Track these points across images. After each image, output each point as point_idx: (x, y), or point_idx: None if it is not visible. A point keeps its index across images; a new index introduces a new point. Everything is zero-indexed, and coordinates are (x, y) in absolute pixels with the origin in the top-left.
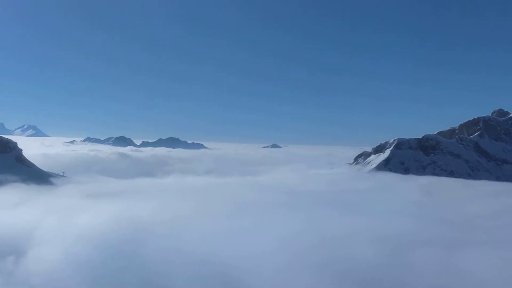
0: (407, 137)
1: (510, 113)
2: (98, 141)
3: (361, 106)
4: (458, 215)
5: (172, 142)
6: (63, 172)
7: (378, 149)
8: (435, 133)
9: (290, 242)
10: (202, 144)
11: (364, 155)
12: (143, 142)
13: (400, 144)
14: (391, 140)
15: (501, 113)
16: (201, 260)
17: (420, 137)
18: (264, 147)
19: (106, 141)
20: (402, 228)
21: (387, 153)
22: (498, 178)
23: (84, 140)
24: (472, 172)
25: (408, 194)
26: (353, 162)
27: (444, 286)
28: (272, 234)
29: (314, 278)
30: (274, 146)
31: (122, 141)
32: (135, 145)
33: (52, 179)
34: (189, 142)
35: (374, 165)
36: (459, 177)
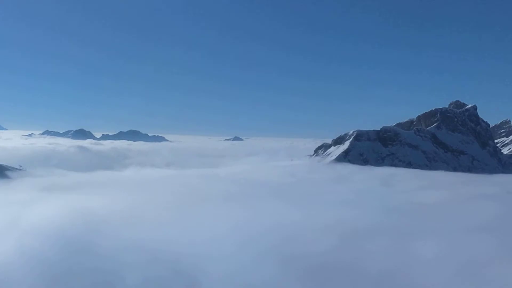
0: (366, 129)
1: (466, 105)
2: (57, 134)
3: (322, 98)
4: (411, 204)
5: (133, 135)
6: (20, 166)
7: (338, 141)
8: (394, 124)
9: (243, 231)
10: (164, 137)
11: (324, 147)
12: (103, 135)
13: (359, 136)
14: (351, 132)
15: (458, 104)
16: (156, 249)
17: (379, 128)
18: (226, 139)
19: (65, 134)
20: (356, 217)
21: (346, 144)
22: (455, 169)
23: (43, 133)
24: (429, 163)
25: (364, 184)
26: (313, 154)
27: (393, 273)
28: (225, 224)
29: (263, 264)
30: (236, 138)
31: (82, 134)
32: (95, 138)
33: (8, 173)
34: (150, 135)
35: (334, 157)
36: (417, 168)
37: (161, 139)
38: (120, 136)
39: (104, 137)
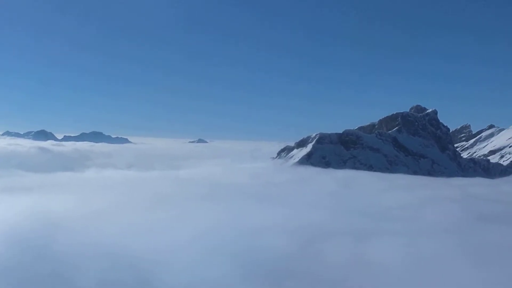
0: (329, 132)
1: (427, 109)
2: (17, 135)
3: (286, 102)
4: (371, 206)
5: (96, 137)
6: None
7: (301, 144)
8: (356, 128)
9: (205, 234)
10: (127, 139)
11: (287, 150)
12: (65, 136)
13: (322, 139)
14: (313, 135)
15: (419, 109)
16: (114, 253)
17: (341, 132)
18: (190, 142)
19: (26, 135)
20: (317, 219)
21: (309, 147)
22: (415, 172)
23: (3, 134)
24: (390, 166)
25: (325, 187)
26: (276, 157)
27: (352, 275)
28: (188, 227)
29: (226, 269)
30: (200, 141)
31: (43, 135)
32: (56, 139)
33: None
34: (113, 136)
35: (297, 159)
36: (378, 171)
37: (124, 141)
38: (82, 137)
39: (66, 139)
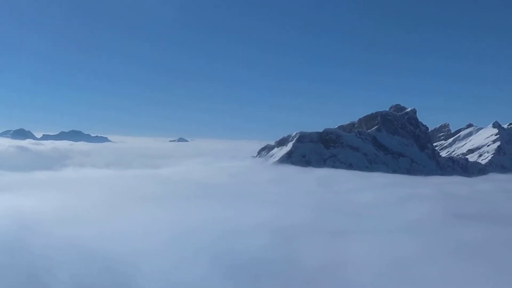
0: (309, 131)
1: (406, 109)
2: None
3: (266, 101)
4: (349, 204)
5: (75, 135)
6: None
7: (281, 143)
8: (336, 127)
9: (184, 234)
10: (107, 138)
11: (267, 148)
12: (44, 135)
13: (302, 138)
14: (294, 134)
15: (398, 108)
16: (90, 254)
17: (321, 130)
18: (170, 140)
19: (4, 134)
20: (295, 218)
21: (289, 146)
22: (394, 171)
23: None
24: (370, 165)
25: (305, 186)
26: (256, 155)
27: (328, 273)
28: (166, 227)
29: (195, 263)
30: (181, 139)
31: (22, 134)
32: (35, 138)
33: None
34: (92, 135)
35: (277, 158)
36: (358, 170)
37: (104, 139)
38: (61, 136)
39: (45, 137)
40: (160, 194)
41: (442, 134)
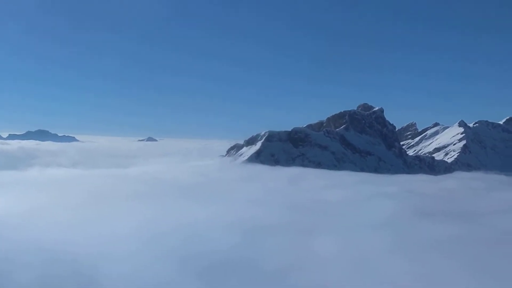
0: (278, 130)
1: (374, 108)
2: None
3: (236, 100)
4: (315, 202)
5: (42, 135)
6: None
7: (250, 142)
8: (305, 126)
9: (145, 230)
10: (74, 137)
11: (237, 148)
12: (10, 134)
13: (271, 137)
14: (263, 133)
15: (366, 107)
16: (52, 249)
17: (290, 130)
18: (139, 140)
19: None
20: (260, 215)
21: (258, 145)
22: (362, 169)
23: None
24: (338, 163)
25: (273, 184)
26: (225, 155)
27: (291, 269)
28: (128, 224)
29: (164, 264)
30: (150, 139)
31: None
32: (1, 138)
33: None
34: (60, 135)
35: (246, 157)
36: (326, 168)
37: (71, 139)
38: (28, 136)
39: (11, 137)
40: (127, 194)
41: (409, 133)
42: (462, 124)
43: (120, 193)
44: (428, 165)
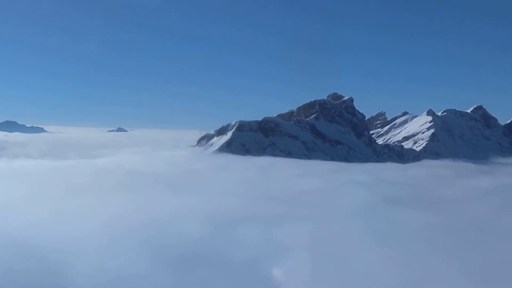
0: (249, 120)
1: (344, 97)
2: None
3: (207, 89)
4: (285, 192)
5: (9, 126)
6: None
7: (221, 132)
8: (275, 115)
9: (117, 222)
10: (43, 128)
11: (207, 138)
12: None
13: (241, 126)
14: (233, 123)
15: (336, 96)
16: (21, 243)
17: (260, 119)
18: (109, 130)
19: None
20: (230, 205)
21: (229, 135)
22: (332, 158)
23: None
24: (308, 153)
25: (243, 174)
26: (196, 145)
27: (262, 259)
28: (99, 216)
29: (134, 256)
30: (120, 129)
31: None
32: None
33: None
34: (28, 125)
35: (216, 147)
36: (297, 158)
37: (40, 130)
38: None
39: None
40: (95, 184)
41: (378, 122)
42: (430, 113)
43: (89, 185)
44: (397, 154)
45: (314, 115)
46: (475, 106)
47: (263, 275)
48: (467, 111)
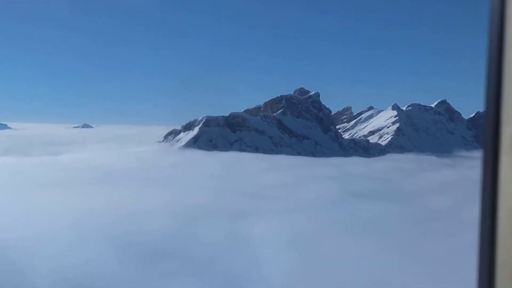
0: (216, 115)
1: (310, 92)
2: None
3: (174, 85)
4: (251, 186)
5: None
6: None
7: (188, 127)
8: (242, 111)
9: (84, 220)
10: (6, 125)
11: (174, 133)
12: None
13: (208, 122)
14: (200, 118)
15: (302, 91)
16: None
17: (227, 115)
18: (74, 127)
19: None
20: (196, 200)
21: (196, 130)
22: (299, 153)
23: None
24: (275, 148)
25: (209, 169)
26: (163, 140)
27: (225, 252)
28: (63, 213)
29: (100, 252)
30: (86, 126)
31: None
32: None
33: None
34: None
35: (183, 143)
36: (264, 153)
37: (3, 126)
38: None
39: None
40: (60, 181)
41: (345, 117)
42: (395, 107)
43: (52, 180)
44: (363, 148)
45: (281, 110)
46: (439, 101)
47: (226, 268)
48: (431, 105)
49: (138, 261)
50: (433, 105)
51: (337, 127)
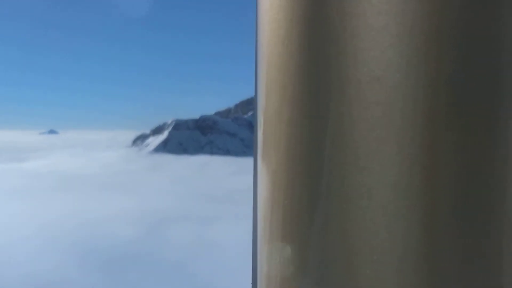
0: (185, 118)
1: None
2: None
3: (143, 90)
4: (220, 190)
5: None
6: None
7: (157, 131)
8: (212, 113)
9: (49, 226)
10: None
11: (142, 138)
12: None
13: (178, 125)
14: (169, 121)
15: None
16: None
17: (198, 117)
18: (40, 133)
19: None
20: (163, 205)
21: (165, 134)
22: None
23: None
24: (247, 150)
25: (178, 173)
26: (131, 145)
27: (192, 258)
28: (27, 221)
29: (63, 260)
30: (52, 132)
31: None
32: None
33: None
34: None
35: (153, 147)
36: (235, 155)
37: None
38: None
39: None
40: (25, 188)
41: None
42: None
43: (15, 187)
44: None
45: (251, 112)
46: None
47: (193, 274)
48: None
49: (106, 269)
50: None
51: None
